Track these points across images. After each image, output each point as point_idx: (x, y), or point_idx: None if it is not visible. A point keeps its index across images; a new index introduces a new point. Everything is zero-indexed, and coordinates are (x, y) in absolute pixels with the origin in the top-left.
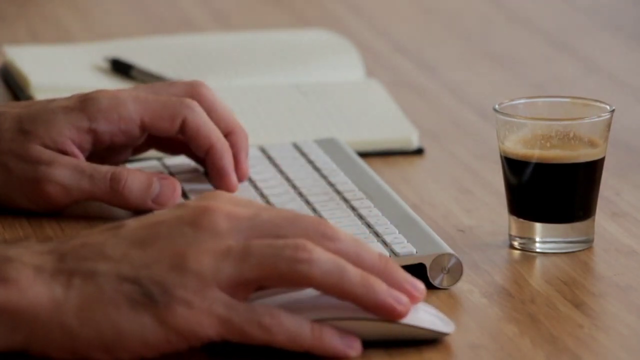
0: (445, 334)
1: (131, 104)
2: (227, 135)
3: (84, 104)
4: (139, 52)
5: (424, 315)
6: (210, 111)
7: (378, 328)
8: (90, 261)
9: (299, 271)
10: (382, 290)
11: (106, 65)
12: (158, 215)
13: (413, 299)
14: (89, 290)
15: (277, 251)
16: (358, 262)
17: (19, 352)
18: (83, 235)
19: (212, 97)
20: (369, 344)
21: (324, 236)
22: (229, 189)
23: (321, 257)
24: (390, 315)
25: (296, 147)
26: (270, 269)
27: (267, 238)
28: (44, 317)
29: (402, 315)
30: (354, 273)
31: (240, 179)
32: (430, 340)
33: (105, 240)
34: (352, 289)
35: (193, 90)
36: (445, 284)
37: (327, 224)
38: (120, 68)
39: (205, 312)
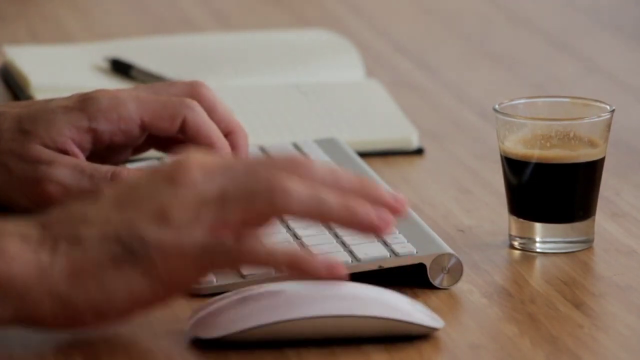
0: (435, 329)
1: (131, 103)
2: (227, 135)
3: (83, 103)
4: (139, 52)
5: (415, 313)
6: (211, 111)
7: (374, 325)
8: (73, 227)
9: (276, 203)
10: (362, 210)
11: (106, 65)
12: (134, 178)
13: (395, 212)
14: (75, 255)
15: (253, 187)
16: (336, 186)
17: (9, 325)
18: (64, 207)
19: (212, 97)
20: (369, 342)
21: (299, 167)
22: None
23: (297, 187)
24: (374, 231)
25: (296, 147)
26: (249, 208)
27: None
28: (33, 285)
29: (384, 230)
30: (332, 197)
31: None
32: (427, 338)
33: (86, 207)
34: (331, 212)
35: (193, 90)
36: (445, 284)
37: (299, 159)
38: (120, 68)
39: (186, 260)
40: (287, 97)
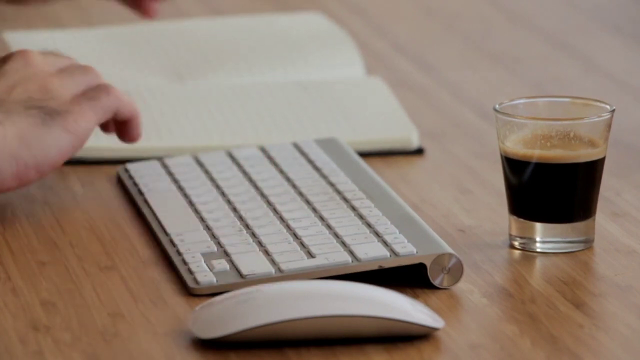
0: (435, 329)
1: None
2: None
3: None
4: (135, 39)
5: (415, 313)
6: None
7: (374, 325)
8: None
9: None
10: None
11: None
12: None
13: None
14: (18, 123)
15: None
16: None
17: None
18: None
19: None
20: (369, 342)
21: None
22: None
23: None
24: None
25: (296, 147)
26: (94, 77)
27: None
28: (2, 150)
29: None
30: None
31: None
32: (428, 338)
33: None
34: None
35: None
36: (445, 284)
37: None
38: None
39: (82, 112)
40: (288, 94)
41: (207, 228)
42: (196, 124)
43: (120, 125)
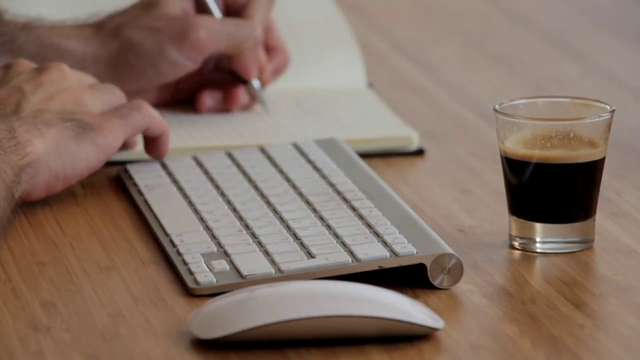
0: (435, 329)
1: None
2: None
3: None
4: None
5: (415, 313)
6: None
7: (374, 325)
8: (33, 113)
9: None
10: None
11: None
12: (29, 80)
13: None
14: (54, 131)
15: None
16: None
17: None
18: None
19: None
20: (369, 342)
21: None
22: None
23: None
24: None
25: (296, 147)
26: (120, 96)
27: None
28: (43, 162)
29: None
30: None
31: None
32: (428, 338)
33: (22, 100)
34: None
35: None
36: (445, 284)
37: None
38: None
39: (113, 129)
40: (289, 113)
41: (207, 228)
42: (196, 125)
43: (149, 141)
